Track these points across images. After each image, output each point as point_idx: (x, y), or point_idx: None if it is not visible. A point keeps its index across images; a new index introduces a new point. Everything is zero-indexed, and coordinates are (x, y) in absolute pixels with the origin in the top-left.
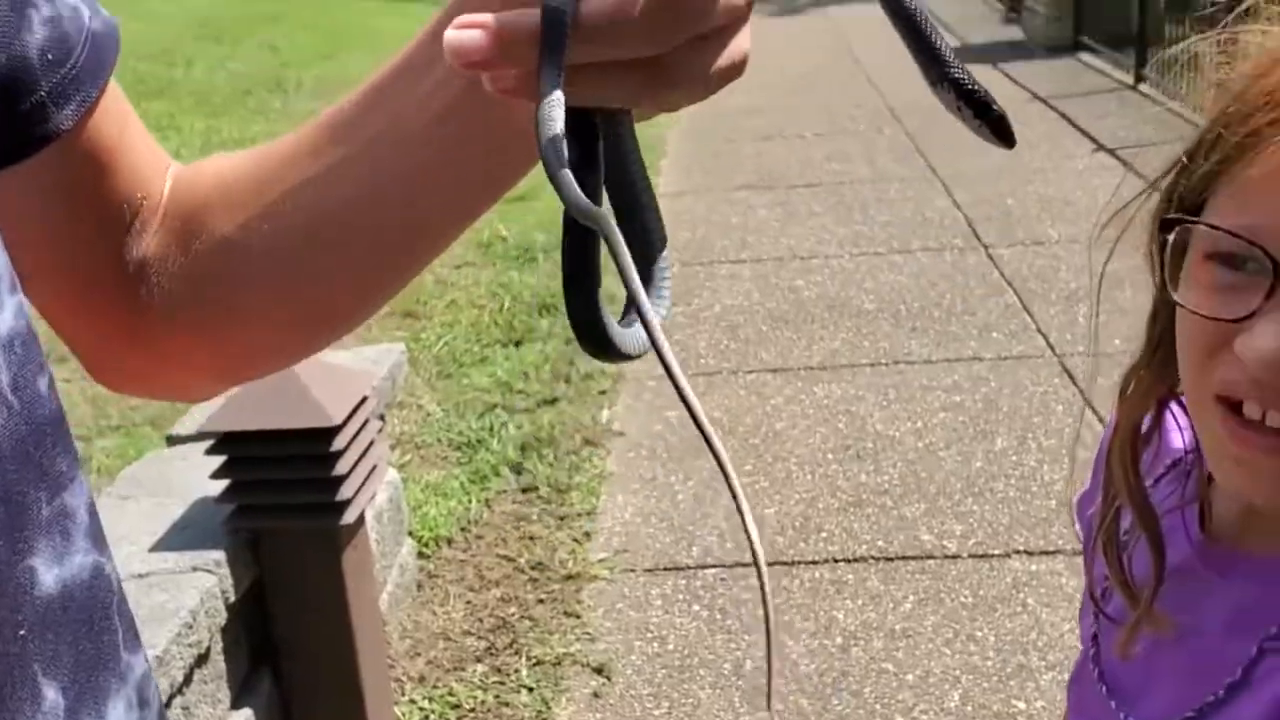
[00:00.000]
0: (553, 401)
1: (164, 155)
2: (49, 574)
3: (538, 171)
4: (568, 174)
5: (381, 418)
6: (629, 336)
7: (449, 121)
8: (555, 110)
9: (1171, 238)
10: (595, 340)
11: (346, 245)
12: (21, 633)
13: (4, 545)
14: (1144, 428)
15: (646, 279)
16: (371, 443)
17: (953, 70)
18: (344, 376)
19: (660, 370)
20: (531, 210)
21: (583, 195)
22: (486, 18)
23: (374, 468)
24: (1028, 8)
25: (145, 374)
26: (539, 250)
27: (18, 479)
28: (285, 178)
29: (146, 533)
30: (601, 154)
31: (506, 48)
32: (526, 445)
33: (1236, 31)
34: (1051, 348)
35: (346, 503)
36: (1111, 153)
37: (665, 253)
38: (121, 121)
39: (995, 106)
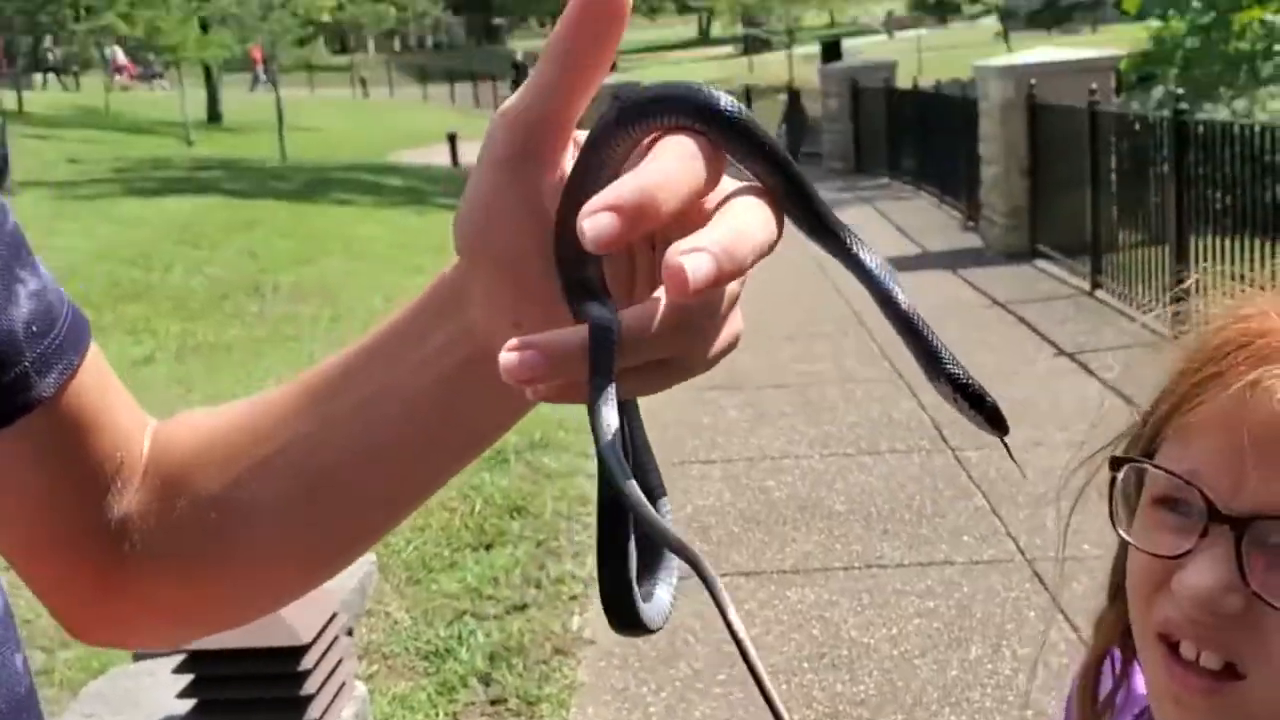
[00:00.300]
0: (523, 608)
1: (143, 414)
2: None
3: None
4: (634, 485)
5: (349, 631)
6: (653, 610)
7: (453, 384)
8: (610, 417)
9: (1120, 476)
10: (626, 619)
11: (339, 500)
12: None
13: None
14: (1115, 672)
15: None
16: (340, 660)
17: (949, 367)
18: (314, 592)
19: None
20: None
21: (653, 512)
22: (538, 338)
23: (342, 684)
24: (985, 216)
25: (124, 623)
26: (511, 452)
27: None
28: (275, 435)
29: None
30: (628, 433)
31: (558, 366)
32: (496, 654)
33: (1185, 309)
34: (1021, 552)
35: None
36: (1071, 357)
37: (666, 501)
38: (101, 385)
39: (989, 399)
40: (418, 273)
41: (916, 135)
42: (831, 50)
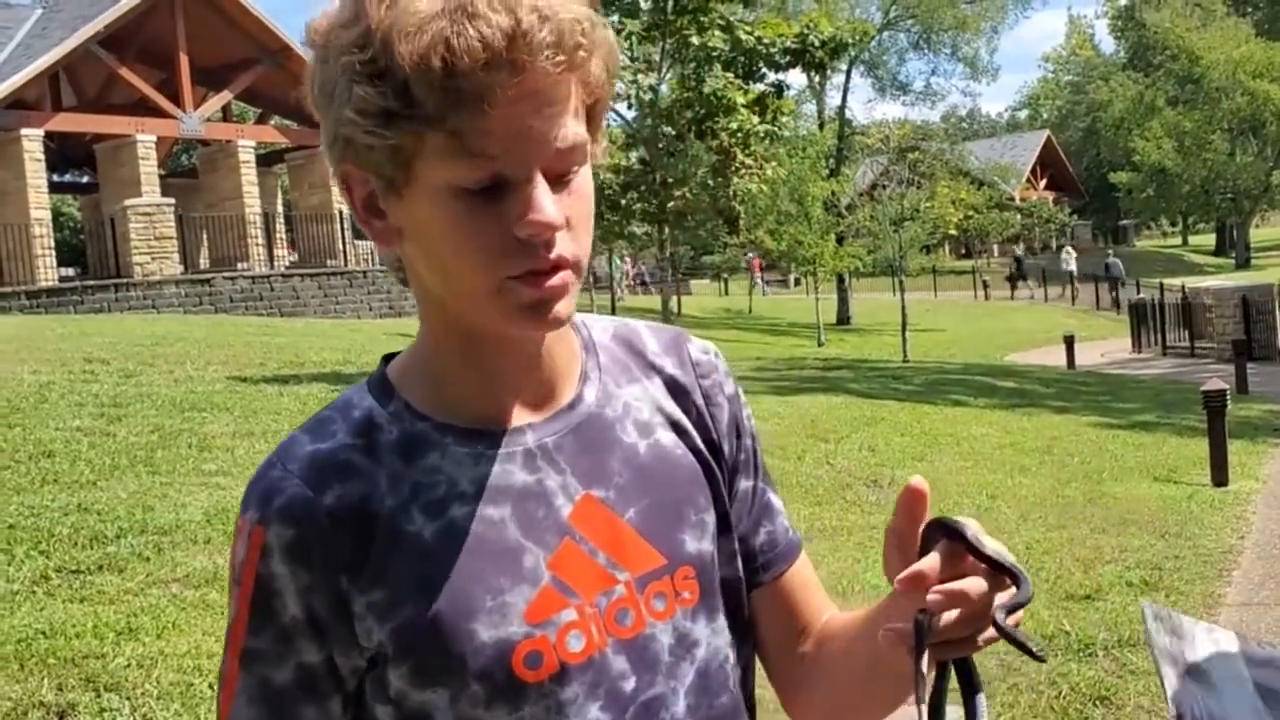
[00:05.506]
0: None
1: (829, 606)
2: None
3: (1105, 577)
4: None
5: None
6: None
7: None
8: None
9: None
10: None
11: (839, 692)
12: None
13: None
14: None
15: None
16: None
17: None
18: None
19: None
20: (1095, 608)
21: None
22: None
23: None
24: None
25: (802, 710)
26: (1099, 647)
27: None
28: (834, 641)
29: None
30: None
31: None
32: None
33: None
34: None
35: None
36: None
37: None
38: (804, 583)
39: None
40: (1022, 473)
41: None
42: None
